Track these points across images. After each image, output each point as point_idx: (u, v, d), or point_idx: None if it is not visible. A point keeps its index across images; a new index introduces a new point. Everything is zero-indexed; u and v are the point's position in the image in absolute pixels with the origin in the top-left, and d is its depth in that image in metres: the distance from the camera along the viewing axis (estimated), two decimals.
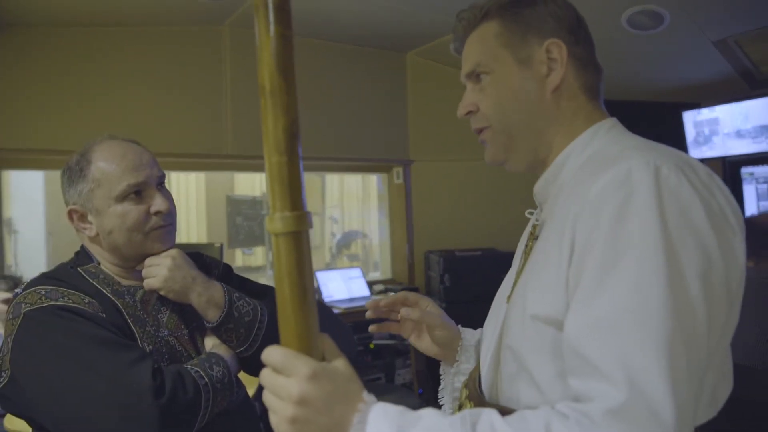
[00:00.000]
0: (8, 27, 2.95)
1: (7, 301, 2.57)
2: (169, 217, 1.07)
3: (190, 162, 3.56)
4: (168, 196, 1.08)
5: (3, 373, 0.94)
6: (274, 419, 0.58)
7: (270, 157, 0.58)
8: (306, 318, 0.58)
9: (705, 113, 3.91)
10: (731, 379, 0.73)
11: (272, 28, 0.58)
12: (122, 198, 1.02)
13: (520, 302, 0.73)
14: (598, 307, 0.59)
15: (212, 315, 1.05)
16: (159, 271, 1.04)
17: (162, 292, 1.04)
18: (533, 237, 0.80)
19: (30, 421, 0.96)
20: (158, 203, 1.04)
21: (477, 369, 0.87)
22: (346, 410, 0.57)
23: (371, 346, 3.59)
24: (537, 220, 0.81)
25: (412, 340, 1.01)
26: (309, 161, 3.96)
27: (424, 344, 1.00)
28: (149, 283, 1.04)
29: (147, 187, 1.05)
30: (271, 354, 0.59)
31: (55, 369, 0.90)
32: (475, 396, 0.82)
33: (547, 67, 0.77)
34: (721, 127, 3.83)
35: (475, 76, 0.81)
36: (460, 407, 0.87)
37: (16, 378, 0.92)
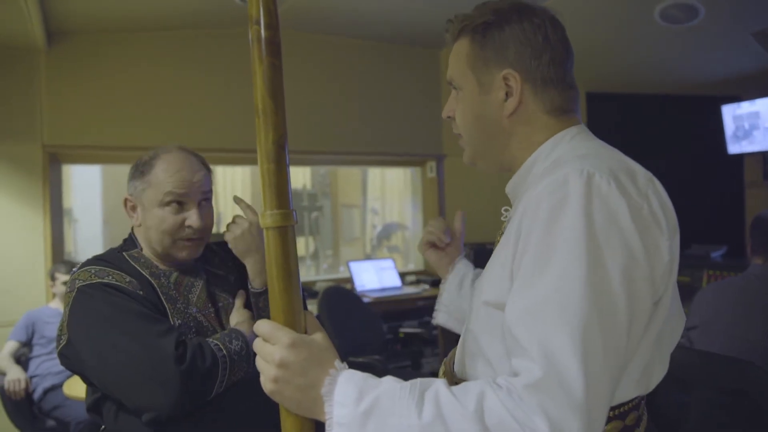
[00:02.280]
0: (70, 34, 3.24)
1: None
2: (199, 232, 1.22)
3: (234, 156, 3.77)
4: (206, 214, 1.24)
5: (62, 337, 1.14)
6: (262, 379, 0.71)
7: (262, 164, 0.70)
8: (290, 297, 0.70)
9: (745, 107, 3.81)
10: (667, 364, 0.81)
11: (264, 58, 0.71)
12: (164, 204, 1.18)
13: (478, 290, 0.83)
14: (529, 295, 0.67)
15: (259, 282, 1.24)
16: (234, 230, 1.24)
17: (230, 246, 1.24)
18: (500, 233, 0.90)
19: (84, 378, 1.16)
20: (193, 219, 1.20)
21: (455, 350, 0.97)
22: (320, 373, 0.67)
23: (400, 334, 3.72)
24: (505, 218, 0.90)
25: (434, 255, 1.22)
26: (345, 156, 4.12)
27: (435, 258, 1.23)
28: (226, 236, 1.26)
29: (188, 201, 1.20)
30: (260, 325, 0.71)
31: (100, 334, 1.08)
32: (449, 374, 0.93)
33: (505, 93, 0.83)
34: (762, 121, 3.73)
35: (452, 86, 0.90)
36: None
37: (72, 341, 1.11)
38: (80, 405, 2.55)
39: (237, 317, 1.24)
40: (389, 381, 0.68)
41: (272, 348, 0.69)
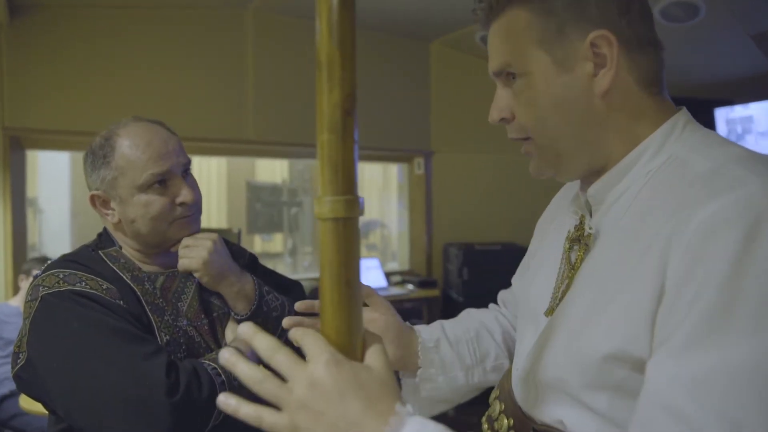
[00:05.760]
0: (35, 7, 2.97)
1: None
2: (193, 207, 1.05)
3: (211, 146, 3.56)
4: (193, 185, 1.06)
5: (21, 355, 0.93)
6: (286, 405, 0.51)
7: (321, 134, 0.53)
8: (346, 316, 0.53)
9: (738, 110, 3.78)
10: None
11: None
12: (146, 187, 1.00)
13: (582, 333, 0.63)
14: (705, 359, 0.51)
15: (242, 308, 1.03)
16: (199, 252, 1.01)
17: (197, 275, 1.02)
18: (584, 246, 0.69)
19: (45, 405, 0.96)
20: (184, 194, 1.02)
21: (508, 380, 0.80)
22: (370, 414, 0.49)
23: None
24: (591, 228, 0.69)
25: None
26: None
27: None
28: (186, 264, 1.02)
29: (172, 176, 1.02)
30: (301, 333, 0.53)
31: (68, 357, 0.89)
32: (514, 412, 0.75)
33: (594, 64, 0.64)
34: (756, 126, 3.70)
35: (504, 75, 0.69)
36: (493, 421, 0.80)
37: (33, 361, 0.91)
38: (41, 416, 2.32)
39: (234, 331, 1.06)
40: None
41: (304, 364, 0.50)
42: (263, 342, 0.53)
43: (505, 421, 0.76)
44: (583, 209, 0.73)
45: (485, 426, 0.81)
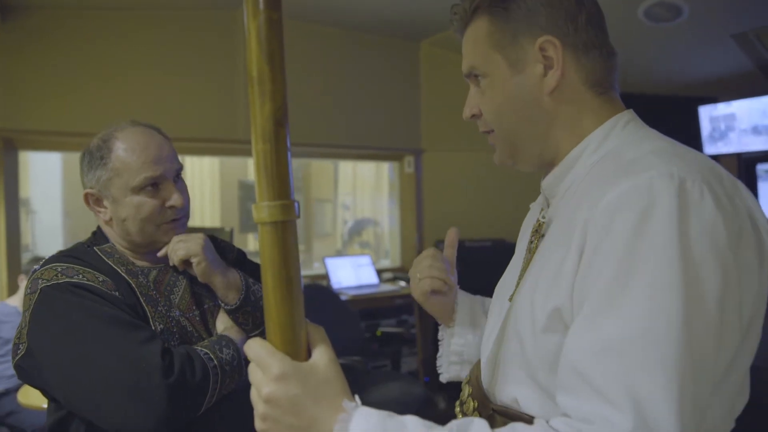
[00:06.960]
0: (27, 8, 3.00)
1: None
2: (182, 211, 1.10)
3: (203, 146, 3.59)
4: (183, 190, 1.11)
5: (21, 346, 0.98)
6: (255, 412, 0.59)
7: (256, 144, 0.58)
8: (289, 311, 0.58)
9: (721, 108, 3.85)
10: (748, 392, 0.71)
11: (261, 11, 0.57)
12: (139, 190, 1.05)
13: (528, 310, 0.70)
14: (604, 326, 0.56)
15: (232, 298, 1.09)
16: (196, 241, 1.07)
17: (196, 260, 1.06)
18: (539, 235, 0.77)
19: (44, 393, 1.01)
20: (174, 198, 1.07)
21: (478, 366, 0.86)
22: (318, 413, 0.56)
23: (378, 333, 3.62)
24: (543, 217, 0.77)
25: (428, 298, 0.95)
26: (320, 148, 3.99)
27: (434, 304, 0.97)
28: (184, 252, 1.06)
29: (164, 181, 1.07)
30: (250, 347, 0.59)
31: (67, 344, 0.93)
32: (479, 395, 0.81)
33: (543, 66, 0.72)
34: (738, 123, 3.78)
35: (473, 77, 0.78)
36: (462, 404, 0.86)
37: (33, 351, 0.96)
38: (37, 411, 2.35)
39: (224, 321, 1.11)
40: (415, 423, 0.57)
41: (261, 378, 0.57)
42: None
43: (471, 403, 0.82)
44: (543, 203, 0.81)
45: (457, 409, 0.87)
